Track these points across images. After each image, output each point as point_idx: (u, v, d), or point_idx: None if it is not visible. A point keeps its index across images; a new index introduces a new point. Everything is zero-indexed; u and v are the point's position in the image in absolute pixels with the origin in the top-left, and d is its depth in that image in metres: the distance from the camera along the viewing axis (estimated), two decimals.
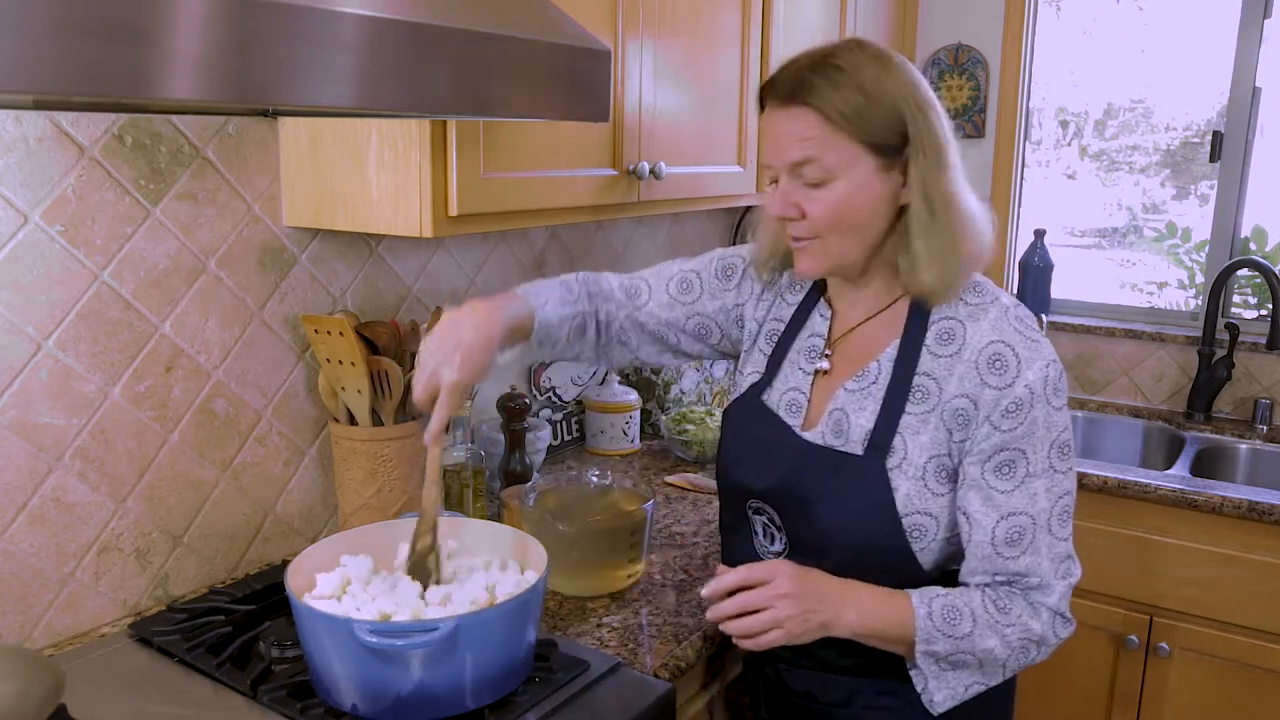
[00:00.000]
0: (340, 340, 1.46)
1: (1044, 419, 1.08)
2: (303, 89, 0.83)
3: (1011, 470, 1.09)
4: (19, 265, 1.22)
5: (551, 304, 1.29)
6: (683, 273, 1.38)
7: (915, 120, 1.08)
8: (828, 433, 1.18)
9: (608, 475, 1.61)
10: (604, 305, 1.37)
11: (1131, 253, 2.86)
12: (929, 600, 1.10)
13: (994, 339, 1.10)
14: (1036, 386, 1.08)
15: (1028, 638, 1.11)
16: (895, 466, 1.12)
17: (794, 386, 1.24)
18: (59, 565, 1.30)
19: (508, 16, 1.08)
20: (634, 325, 1.38)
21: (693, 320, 1.37)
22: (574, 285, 1.36)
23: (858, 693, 1.20)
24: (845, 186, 1.09)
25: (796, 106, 1.09)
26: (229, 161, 1.43)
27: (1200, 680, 2.07)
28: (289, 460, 1.58)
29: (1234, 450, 2.42)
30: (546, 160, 1.49)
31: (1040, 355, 1.09)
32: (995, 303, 1.14)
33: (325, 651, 1.09)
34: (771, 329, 1.31)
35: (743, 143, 1.98)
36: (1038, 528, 1.09)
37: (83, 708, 1.09)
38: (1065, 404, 1.11)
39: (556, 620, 1.39)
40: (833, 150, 1.08)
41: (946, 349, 1.13)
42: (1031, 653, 1.12)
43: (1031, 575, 1.10)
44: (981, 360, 1.10)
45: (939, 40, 2.79)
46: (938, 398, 1.12)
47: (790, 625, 1.07)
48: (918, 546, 1.13)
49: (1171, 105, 2.71)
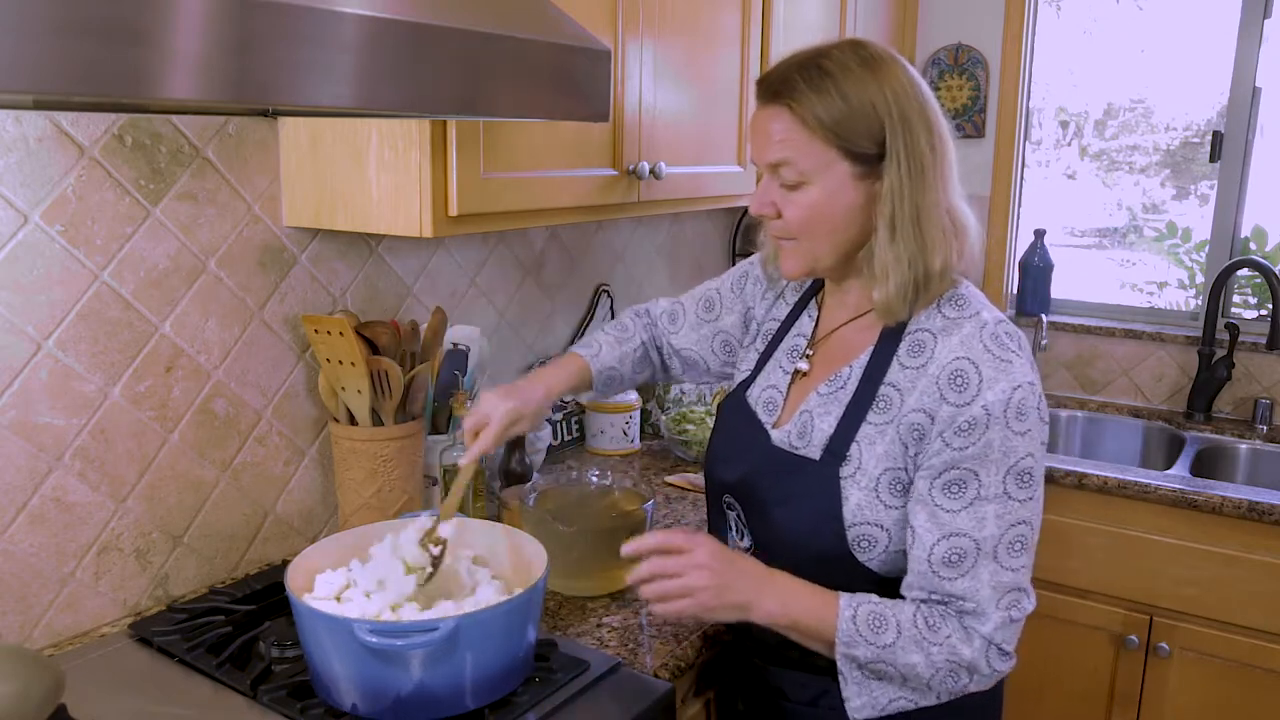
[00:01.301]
0: (340, 340, 1.46)
1: (1000, 442, 1.04)
2: (303, 89, 0.83)
3: (961, 490, 1.05)
4: (19, 265, 1.22)
5: (605, 350, 1.42)
6: (707, 292, 1.43)
7: (895, 132, 1.06)
8: (793, 434, 1.18)
9: (608, 475, 1.61)
10: (654, 331, 1.47)
11: (1131, 253, 2.86)
12: (856, 605, 1.08)
13: (960, 355, 1.07)
14: (995, 408, 1.04)
15: (955, 661, 1.06)
16: (849, 475, 1.11)
17: (772, 384, 1.25)
18: (59, 565, 1.30)
19: (507, 16, 1.08)
20: (674, 351, 1.46)
21: (718, 338, 1.41)
22: (629, 323, 1.47)
23: (825, 693, 1.18)
24: (818, 191, 1.09)
25: (777, 106, 1.09)
26: (229, 161, 1.43)
27: (1200, 680, 2.07)
28: (289, 460, 1.58)
29: (1234, 450, 2.42)
30: (546, 160, 1.49)
31: (1007, 377, 1.05)
32: (974, 318, 1.10)
33: (325, 651, 1.09)
34: (769, 328, 1.33)
35: (743, 143, 1.98)
36: (981, 553, 1.05)
37: (83, 708, 1.09)
38: (1031, 429, 1.05)
39: (556, 620, 1.39)
40: (807, 154, 1.07)
41: (915, 360, 1.10)
42: (961, 678, 1.07)
43: (968, 600, 1.06)
44: (943, 376, 1.07)
45: (939, 40, 2.79)
46: (898, 409, 1.10)
47: (701, 596, 1.07)
48: (864, 557, 1.11)
49: (1171, 105, 2.71)
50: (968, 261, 1.13)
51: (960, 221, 1.12)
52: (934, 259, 1.09)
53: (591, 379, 1.40)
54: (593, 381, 1.40)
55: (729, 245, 2.68)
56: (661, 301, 1.50)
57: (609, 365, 1.41)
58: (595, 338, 1.45)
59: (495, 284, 1.94)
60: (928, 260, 1.09)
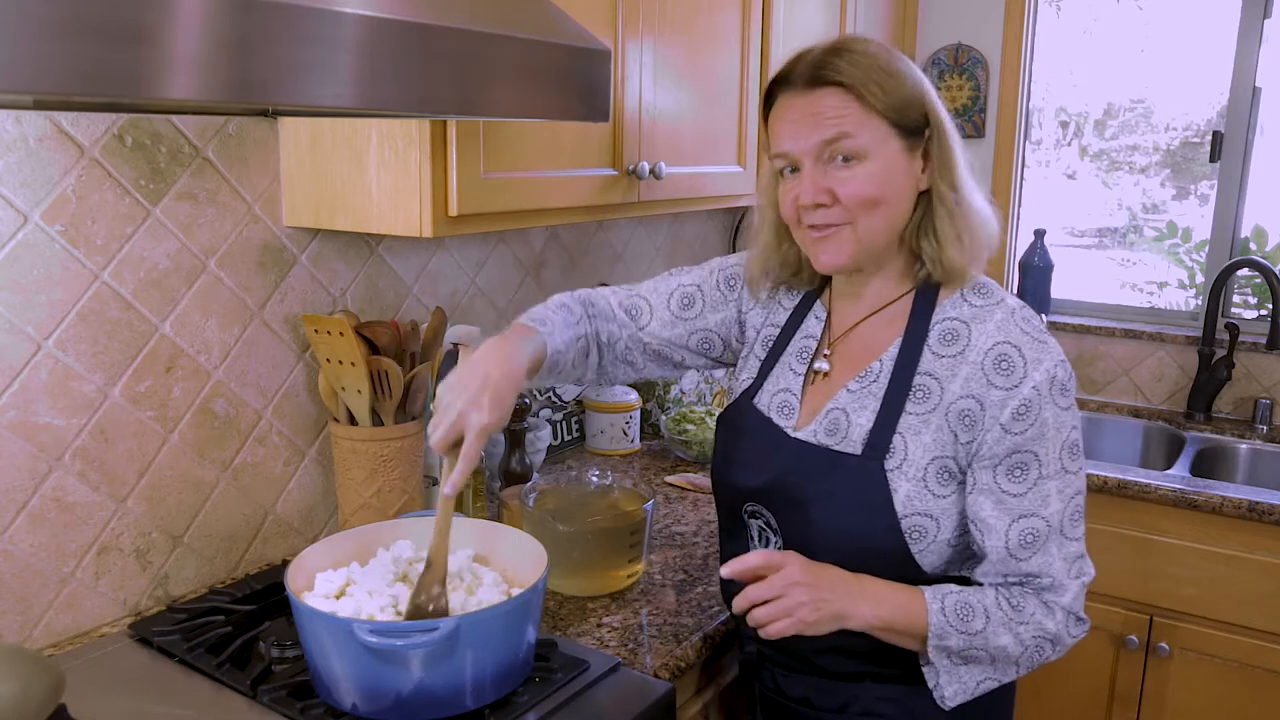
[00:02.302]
0: (340, 340, 1.46)
1: (1054, 419, 1.08)
2: (303, 89, 0.83)
3: (1024, 473, 1.08)
4: (19, 265, 1.22)
5: (557, 329, 1.25)
6: (683, 288, 1.36)
7: (933, 107, 1.12)
8: (820, 432, 1.17)
9: (608, 475, 1.61)
10: (605, 326, 1.34)
11: (1132, 252, 2.86)
12: (942, 596, 1.10)
13: (1000, 339, 1.10)
14: (1043, 387, 1.07)
15: (1042, 635, 1.10)
16: (895, 468, 1.11)
17: (784, 388, 1.23)
18: (59, 565, 1.30)
19: (508, 16, 1.08)
20: (637, 345, 1.35)
21: (696, 336, 1.36)
22: (574, 307, 1.32)
23: (854, 699, 1.19)
24: (877, 165, 1.09)
25: (824, 88, 1.09)
26: (229, 161, 1.43)
27: (1200, 680, 2.07)
28: (289, 460, 1.58)
29: (1234, 450, 2.42)
30: (546, 160, 1.49)
31: (1048, 355, 1.09)
32: (1001, 304, 1.14)
33: (325, 651, 1.09)
34: (768, 334, 1.30)
35: (743, 143, 1.98)
36: (1051, 529, 1.09)
37: (83, 708, 1.09)
38: (1073, 403, 1.10)
39: (556, 620, 1.39)
40: (865, 127, 1.09)
41: (950, 349, 1.12)
42: (1046, 651, 1.12)
43: (1044, 576, 1.10)
44: (988, 361, 1.09)
45: (939, 40, 2.79)
46: (939, 398, 1.11)
47: (802, 613, 1.07)
48: (916, 548, 1.12)
49: (1171, 105, 2.71)
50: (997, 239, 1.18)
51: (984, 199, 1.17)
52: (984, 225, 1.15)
53: (545, 356, 1.21)
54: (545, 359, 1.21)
55: (729, 245, 2.68)
56: (606, 293, 1.38)
57: (559, 349, 1.24)
58: (547, 315, 1.27)
59: (495, 284, 1.94)
60: (979, 229, 1.14)
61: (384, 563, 1.23)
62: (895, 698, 1.17)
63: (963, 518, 1.12)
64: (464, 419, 1.08)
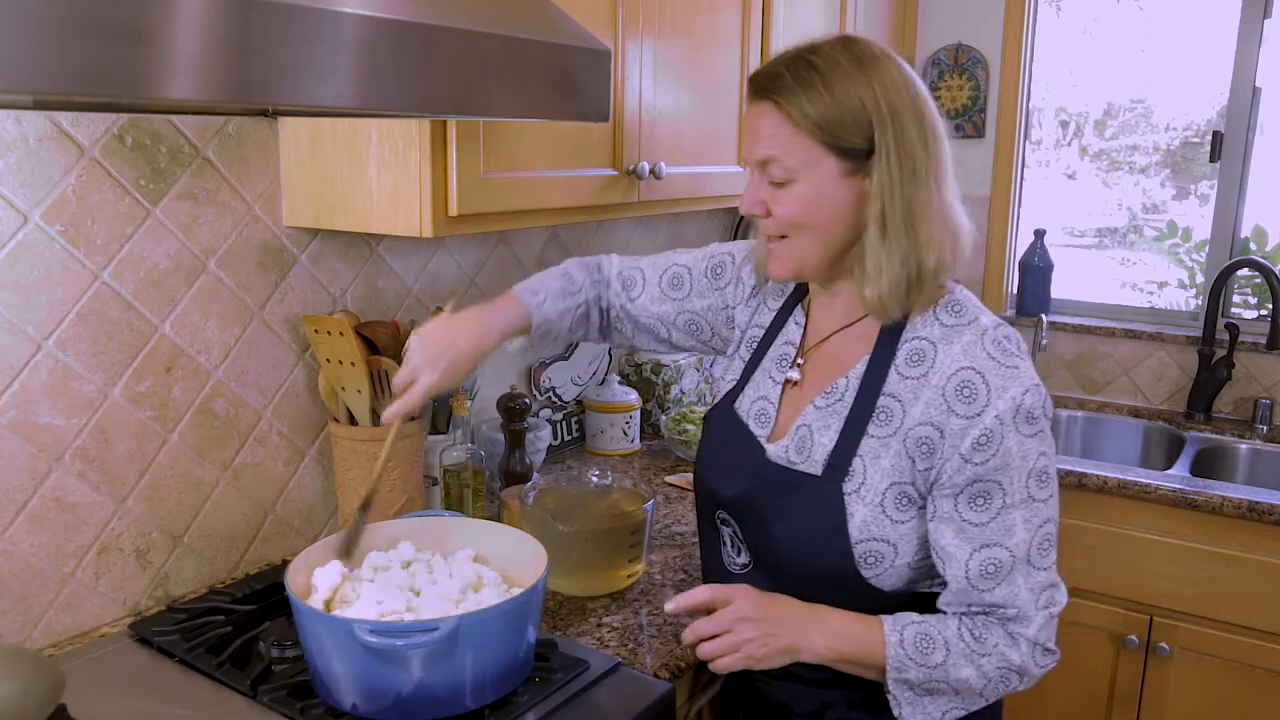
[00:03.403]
0: (340, 340, 1.46)
1: (1018, 449, 1.03)
2: (303, 89, 0.83)
3: (986, 502, 1.04)
4: (19, 265, 1.22)
5: (550, 299, 1.32)
6: (675, 267, 1.37)
7: (884, 127, 1.04)
8: (791, 449, 1.15)
9: (608, 475, 1.61)
10: (604, 292, 1.39)
11: (1132, 252, 2.86)
12: (901, 628, 1.07)
13: (965, 365, 1.05)
14: (1006, 416, 1.02)
15: (1006, 667, 1.07)
16: (853, 491, 1.09)
17: (763, 395, 1.22)
18: (59, 565, 1.30)
19: (508, 16, 1.08)
20: (627, 316, 1.39)
21: (683, 316, 1.36)
22: (576, 275, 1.37)
23: (830, 705, 1.18)
24: (805, 188, 1.07)
25: (764, 102, 1.08)
26: (229, 161, 1.43)
27: (1200, 680, 2.07)
28: (289, 460, 1.58)
29: (1234, 450, 2.42)
30: (546, 160, 1.49)
31: (1014, 382, 1.03)
32: (973, 324, 1.09)
33: (325, 651, 1.09)
34: (753, 335, 1.29)
35: (743, 143, 1.98)
36: (1016, 560, 1.05)
37: (83, 708, 1.09)
38: (1042, 430, 1.05)
39: (556, 620, 1.39)
40: (793, 150, 1.06)
41: (915, 370, 1.08)
42: (1012, 682, 1.09)
43: (1009, 607, 1.06)
44: (949, 387, 1.05)
45: (939, 40, 2.79)
46: (900, 422, 1.08)
47: (749, 649, 1.06)
48: (870, 573, 1.09)
49: (1171, 105, 2.71)
50: (960, 262, 1.11)
51: (954, 220, 1.10)
52: (928, 256, 1.06)
53: (530, 327, 1.30)
54: (531, 329, 1.31)
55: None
56: (614, 260, 1.42)
57: (549, 318, 1.31)
58: (542, 283, 1.34)
59: (495, 284, 1.94)
60: (921, 258, 1.06)
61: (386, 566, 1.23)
62: (870, 705, 1.15)
63: (924, 542, 1.09)
64: (416, 372, 1.20)
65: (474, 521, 1.34)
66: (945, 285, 1.12)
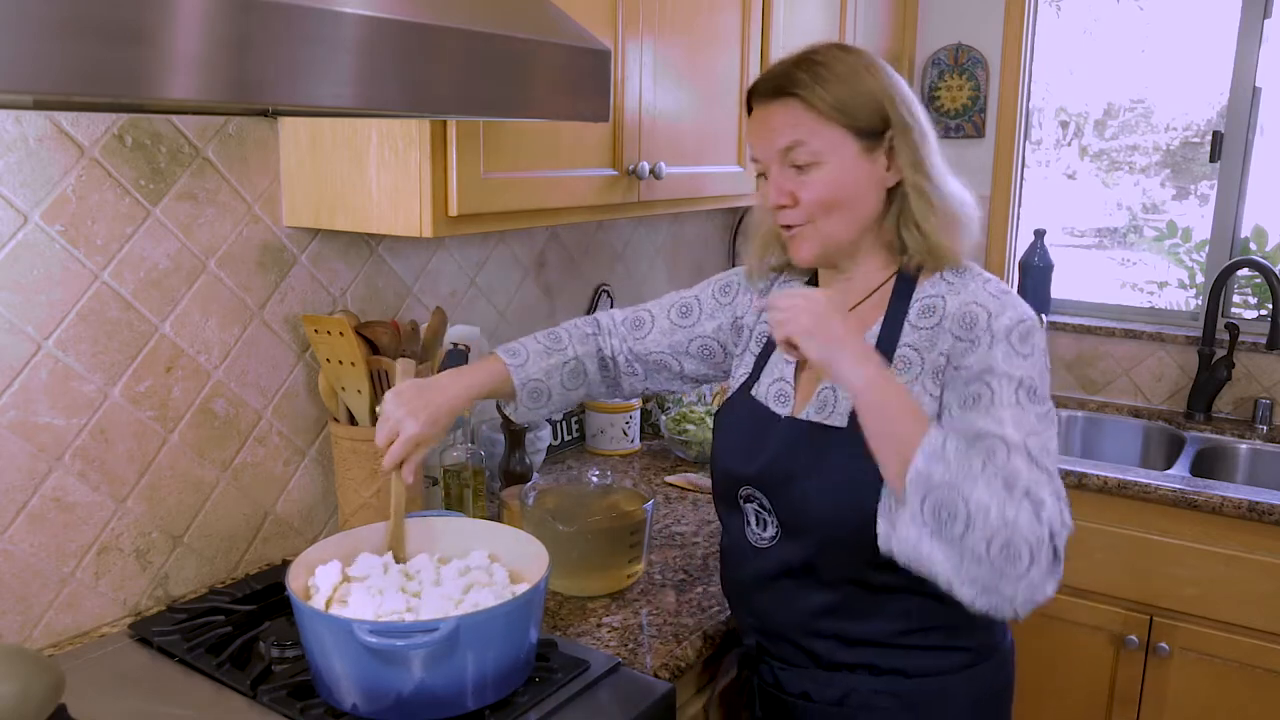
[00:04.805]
0: (340, 340, 1.46)
1: (1003, 357, 1.09)
2: (303, 89, 0.83)
3: (976, 402, 1.08)
4: (19, 265, 1.22)
5: (532, 358, 1.36)
6: (683, 299, 1.44)
7: (894, 106, 1.16)
8: (811, 411, 1.20)
9: (608, 475, 1.61)
10: (606, 341, 1.43)
11: (1132, 252, 2.86)
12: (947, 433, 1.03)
13: (968, 301, 1.14)
14: (999, 331, 1.10)
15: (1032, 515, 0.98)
16: None
17: (779, 377, 1.26)
18: (59, 565, 1.30)
19: (508, 16, 1.08)
20: (636, 358, 1.43)
21: (695, 343, 1.41)
22: (563, 334, 1.42)
23: (853, 691, 1.19)
24: (831, 169, 1.15)
25: (783, 99, 1.16)
26: (229, 161, 1.43)
27: (1200, 680, 2.07)
28: (289, 460, 1.58)
29: (1234, 450, 2.42)
30: (546, 160, 1.49)
31: (1011, 306, 1.12)
32: (978, 277, 1.18)
33: (325, 651, 1.09)
34: (761, 331, 1.34)
35: (743, 143, 1.98)
36: (1011, 447, 1.02)
37: (83, 708, 1.09)
38: (1033, 353, 1.09)
39: (556, 620, 1.39)
40: (819, 134, 1.14)
41: (928, 321, 1.17)
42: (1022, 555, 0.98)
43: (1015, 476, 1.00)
44: (955, 322, 1.14)
45: (939, 40, 2.79)
46: (920, 367, 1.15)
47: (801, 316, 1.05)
48: None
49: (1171, 105, 2.71)
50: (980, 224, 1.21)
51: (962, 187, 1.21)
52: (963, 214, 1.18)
53: (513, 388, 1.33)
54: (514, 391, 1.34)
55: (729, 245, 2.68)
56: (615, 312, 1.47)
57: (534, 377, 1.35)
58: (524, 345, 1.38)
59: (495, 284, 1.94)
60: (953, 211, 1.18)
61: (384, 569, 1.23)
62: (894, 691, 1.17)
63: None
64: (399, 425, 1.22)
65: (475, 522, 1.34)
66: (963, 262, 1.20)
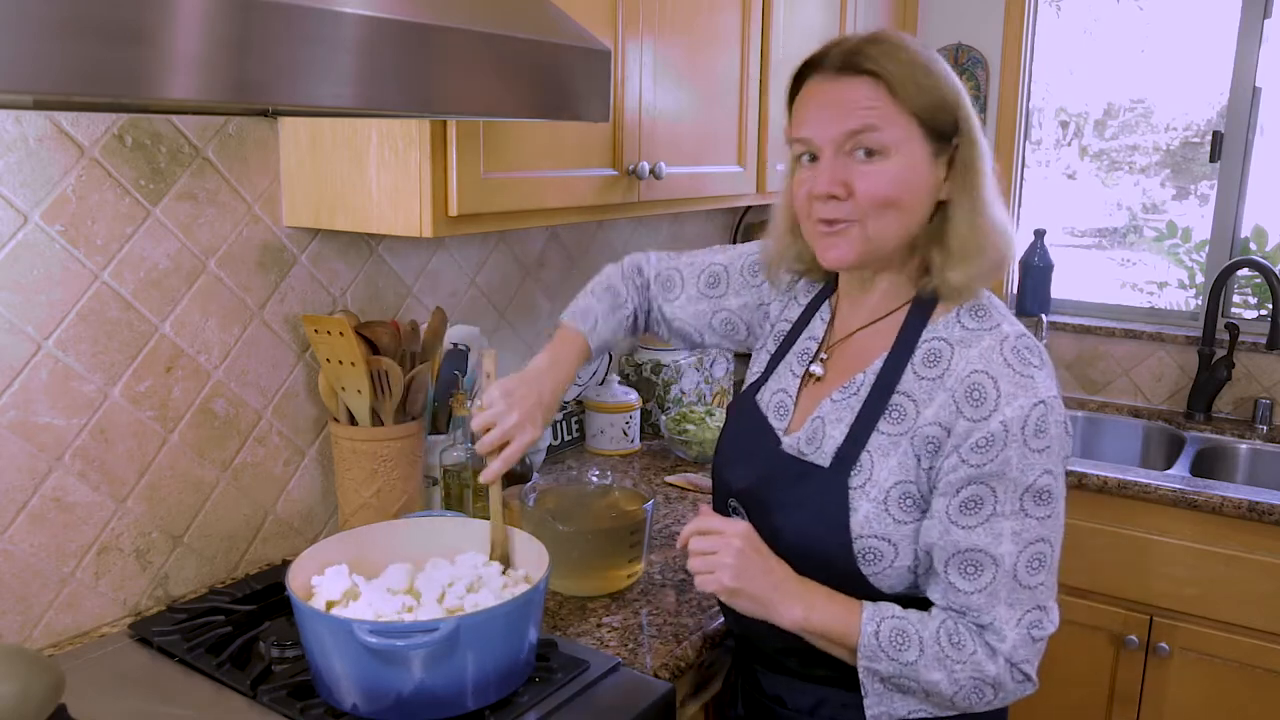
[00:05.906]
0: (340, 340, 1.46)
1: (1018, 460, 1.01)
2: (303, 89, 0.83)
3: (977, 508, 1.03)
4: (19, 265, 1.22)
5: (602, 320, 1.35)
6: (713, 266, 1.38)
7: (965, 113, 1.07)
8: (804, 440, 1.15)
9: (608, 475, 1.61)
10: (644, 295, 1.42)
11: (1132, 252, 2.86)
12: (879, 619, 1.05)
13: (978, 368, 1.04)
14: (1014, 425, 1.01)
15: (980, 678, 1.04)
16: (858, 486, 1.08)
17: (782, 388, 1.22)
18: (59, 565, 1.30)
19: (508, 16, 1.08)
20: (664, 318, 1.41)
21: (719, 316, 1.37)
22: (620, 287, 1.39)
23: (824, 702, 1.17)
24: (899, 163, 1.04)
25: (858, 76, 1.04)
26: (229, 161, 1.43)
27: (1200, 680, 2.07)
28: (289, 460, 1.58)
29: (1234, 450, 2.42)
30: (546, 160, 1.49)
31: (1027, 391, 1.02)
32: (994, 330, 1.08)
33: (326, 651, 1.09)
34: (780, 329, 1.30)
35: (743, 143, 1.98)
36: (1000, 570, 1.03)
37: (83, 708, 1.09)
38: (1049, 446, 1.03)
39: (556, 620, 1.39)
40: (894, 122, 1.04)
41: (931, 371, 1.08)
42: (986, 694, 1.05)
43: (984, 615, 1.04)
44: (960, 390, 1.04)
45: (939, 40, 2.79)
46: (913, 421, 1.07)
47: (722, 574, 1.06)
48: (869, 571, 1.08)
49: (1171, 105, 2.71)
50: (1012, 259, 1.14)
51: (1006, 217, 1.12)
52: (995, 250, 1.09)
53: (591, 353, 1.35)
54: (591, 354, 1.35)
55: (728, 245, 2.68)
56: (653, 258, 1.43)
57: (605, 338, 1.35)
58: (590, 306, 1.36)
59: (495, 284, 1.94)
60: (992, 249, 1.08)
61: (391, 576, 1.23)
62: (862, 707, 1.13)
63: None
64: (516, 429, 1.21)
65: (475, 522, 1.34)
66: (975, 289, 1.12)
